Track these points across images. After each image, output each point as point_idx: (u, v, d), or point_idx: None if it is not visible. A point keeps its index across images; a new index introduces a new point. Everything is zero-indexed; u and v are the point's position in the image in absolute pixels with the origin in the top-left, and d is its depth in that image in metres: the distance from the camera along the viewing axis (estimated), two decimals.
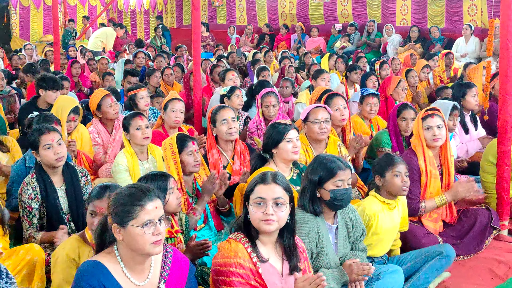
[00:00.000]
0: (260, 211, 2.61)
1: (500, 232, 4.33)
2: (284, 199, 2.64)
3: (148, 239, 2.35)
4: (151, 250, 2.38)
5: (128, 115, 4.58)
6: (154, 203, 2.40)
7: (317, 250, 3.11)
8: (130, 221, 2.34)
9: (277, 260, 2.72)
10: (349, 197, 3.18)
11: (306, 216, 3.14)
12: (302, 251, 2.82)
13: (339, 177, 3.13)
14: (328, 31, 14.43)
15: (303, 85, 8.26)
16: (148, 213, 2.36)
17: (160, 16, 18.07)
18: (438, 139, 4.09)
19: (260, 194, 2.63)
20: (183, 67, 9.48)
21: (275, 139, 3.82)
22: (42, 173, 3.83)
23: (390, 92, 6.38)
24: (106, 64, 9.70)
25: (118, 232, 2.37)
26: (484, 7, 11.73)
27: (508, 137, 4.30)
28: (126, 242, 2.37)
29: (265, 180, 2.67)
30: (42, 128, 3.88)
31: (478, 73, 7.06)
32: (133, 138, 4.46)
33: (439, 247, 3.69)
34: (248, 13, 17.13)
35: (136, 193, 2.39)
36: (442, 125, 4.12)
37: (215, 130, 4.47)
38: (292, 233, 2.73)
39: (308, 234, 3.07)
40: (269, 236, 2.67)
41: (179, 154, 3.84)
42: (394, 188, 3.61)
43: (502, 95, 4.29)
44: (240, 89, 6.15)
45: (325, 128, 4.36)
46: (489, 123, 5.68)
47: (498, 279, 3.82)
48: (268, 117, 5.37)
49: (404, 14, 13.44)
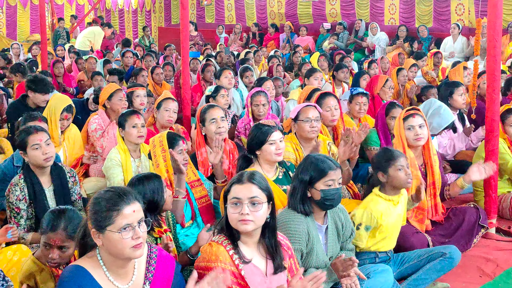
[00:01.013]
0: (236, 211, 2.59)
1: (488, 230, 4.36)
2: (260, 198, 2.61)
3: (127, 243, 2.30)
4: (131, 254, 2.34)
5: (125, 112, 4.59)
6: (132, 207, 2.35)
7: (307, 250, 3.11)
8: (108, 226, 2.30)
9: (261, 260, 2.69)
10: (339, 197, 3.18)
11: (296, 216, 3.13)
12: (286, 249, 2.79)
13: (330, 177, 3.12)
14: (316, 30, 14.45)
15: (292, 84, 8.26)
16: (125, 218, 2.31)
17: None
18: (420, 138, 4.12)
19: (236, 194, 2.62)
20: (173, 66, 9.46)
21: (259, 140, 3.80)
22: (30, 173, 3.79)
23: (377, 91, 6.39)
24: (94, 64, 9.63)
25: (97, 237, 2.33)
26: (471, 7, 11.81)
27: (495, 136, 4.33)
28: (106, 247, 2.33)
29: (241, 180, 2.65)
30: (30, 128, 3.84)
31: (458, 74, 7.12)
32: (128, 135, 4.46)
33: (444, 248, 3.68)
34: (236, 12, 17.11)
35: (112, 198, 2.34)
36: (423, 125, 4.14)
37: (204, 129, 4.46)
38: (273, 232, 2.71)
39: (298, 235, 3.06)
40: (250, 236, 2.65)
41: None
42: (399, 182, 3.58)
43: (489, 94, 4.31)
44: (225, 88, 6.15)
45: (316, 127, 4.36)
46: (476, 121, 5.72)
47: (486, 277, 3.84)
48: (258, 116, 5.36)
49: (392, 13, 13.49)
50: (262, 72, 10.04)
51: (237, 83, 7.97)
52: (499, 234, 4.52)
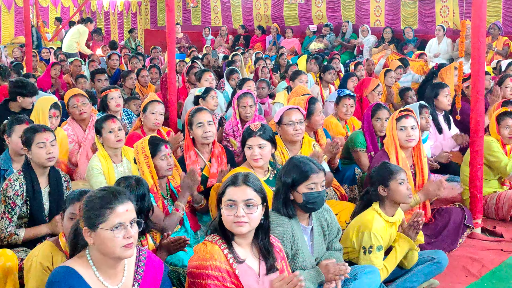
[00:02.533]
0: (231, 214, 2.60)
1: (473, 230, 4.39)
2: (255, 200, 2.63)
3: (118, 242, 2.32)
4: (122, 254, 2.35)
5: (100, 118, 4.52)
6: (125, 206, 2.38)
7: (292, 252, 3.10)
8: (100, 224, 2.32)
9: (254, 261, 2.71)
10: (322, 200, 3.17)
11: (280, 218, 3.12)
12: (278, 250, 2.81)
13: (312, 180, 3.11)
14: (302, 32, 14.49)
15: (279, 86, 8.27)
16: (118, 216, 2.34)
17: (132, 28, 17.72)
18: (412, 140, 4.14)
19: (231, 196, 2.62)
20: (159, 68, 9.43)
21: (242, 143, 3.94)
22: (30, 171, 3.79)
23: (367, 93, 6.40)
24: (79, 66, 9.58)
25: (89, 236, 2.34)
26: (455, 9, 11.91)
27: (480, 137, 4.37)
28: (97, 245, 2.35)
29: (235, 182, 2.65)
30: (38, 127, 3.87)
31: (450, 73, 7.17)
32: (106, 141, 4.41)
33: (433, 253, 3.71)
34: (223, 14, 17.10)
35: (106, 196, 2.37)
36: (415, 126, 4.17)
37: (191, 133, 4.44)
38: (267, 233, 2.73)
39: (283, 237, 3.05)
40: (244, 238, 2.66)
41: (152, 159, 3.80)
42: (400, 196, 3.53)
43: (474, 95, 4.35)
44: (215, 90, 6.13)
45: (300, 129, 4.36)
46: (462, 122, 5.76)
47: (472, 276, 3.88)
48: (245, 118, 5.35)
49: (378, 15, 13.57)
50: (249, 74, 10.05)
51: (223, 85, 7.96)
52: (484, 234, 4.55)
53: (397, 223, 3.63)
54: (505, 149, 4.88)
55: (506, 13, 11.29)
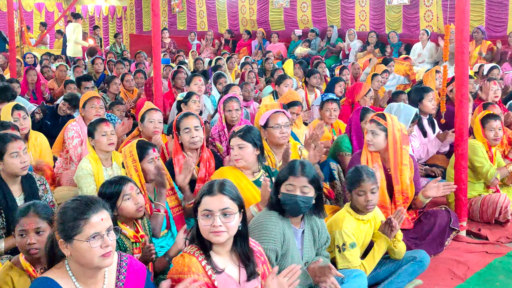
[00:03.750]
0: (208, 223, 2.55)
1: (459, 233, 4.42)
2: (232, 209, 2.58)
3: (96, 252, 2.28)
4: (101, 263, 2.31)
5: (93, 121, 4.54)
6: (100, 215, 2.32)
7: (282, 252, 3.11)
8: (76, 236, 2.26)
9: (234, 268, 2.66)
10: (296, 205, 3.13)
11: (272, 217, 3.14)
12: (259, 255, 2.78)
13: (289, 182, 3.13)
14: (288, 36, 14.54)
15: (265, 90, 8.28)
16: (93, 226, 2.28)
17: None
18: (369, 145, 4.22)
19: (207, 206, 2.57)
20: (145, 73, 9.40)
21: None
22: (1, 182, 3.72)
23: (358, 98, 6.41)
24: (65, 71, 9.51)
25: (65, 248, 2.29)
26: (439, 13, 12.01)
27: (464, 140, 4.40)
28: (74, 257, 2.30)
29: (211, 191, 2.60)
30: (8, 136, 3.79)
31: (431, 77, 7.23)
32: (98, 144, 4.41)
33: (414, 253, 3.75)
34: (208, 19, 17.10)
35: (79, 206, 2.31)
36: (375, 133, 4.17)
37: (179, 138, 4.44)
38: (245, 239, 2.69)
39: (274, 235, 3.07)
40: (222, 246, 2.62)
41: (139, 162, 3.79)
42: (359, 205, 3.61)
43: (458, 99, 4.39)
44: (197, 94, 6.12)
45: (286, 132, 4.38)
46: (446, 126, 5.80)
47: (458, 279, 3.89)
48: (231, 122, 5.35)
49: (363, 20, 13.65)
50: (235, 79, 10.06)
51: (210, 89, 7.96)
52: (469, 236, 4.59)
53: (372, 221, 3.69)
54: (491, 151, 4.92)
55: (489, 18, 11.41)
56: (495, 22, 11.35)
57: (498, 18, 11.30)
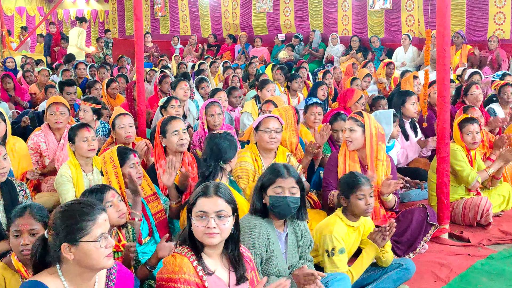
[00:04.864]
0: (202, 225, 2.58)
1: (441, 235, 4.45)
2: (226, 211, 2.61)
3: (102, 252, 2.31)
4: (105, 264, 2.34)
5: (74, 126, 4.50)
6: (103, 216, 2.36)
7: (267, 256, 3.12)
8: (83, 238, 2.28)
9: (224, 272, 2.68)
10: (288, 206, 3.16)
11: (257, 221, 3.15)
12: (248, 261, 2.79)
13: (278, 184, 3.15)
14: (271, 41, 14.58)
15: (248, 95, 8.28)
16: (100, 227, 2.32)
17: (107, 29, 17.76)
18: (348, 142, 4.36)
19: (202, 207, 2.60)
20: (127, 78, 9.35)
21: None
22: None
23: (350, 104, 6.42)
24: (47, 76, 9.43)
25: (68, 251, 2.28)
26: (421, 18, 12.12)
27: (446, 144, 4.44)
28: (78, 259, 2.29)
29: (207, 193, 2.63)
30: None
31: (409, 83, 7.30)
32: (78, 149, 4.37)
33: (400, 260, 3.78)
34: (191, 23, 17.08)
35: (84, 209, 2.34)
36: (353, 129, 4.35)
37: (164, 141, 4.41)
38: (237, 243, 2.71)
39: (258, 239, 3.07)
40: (214, 248, 2.64)
41: (121, 167, 3.77)
42: (358, 210, 3.62)
43: (440, 103, 4.42)
44: (177, 99, 6.11)
45: (275, 138, 4.41)
46: (428, 129, 5.85)
47: (441, 281, 3.92)
48: (213, 127, 5.35)
49: (345, 24, 13.72)
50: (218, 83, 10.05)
51: (193, 94, 7.94)
52: (452, 239, 4.62)
53: (361, 228, 3.71)
54: (469, 155, 4.97)
55: (470, 22, 11.54)
56: (476, 27, 11.48)
57: (478, 23, 11.44)
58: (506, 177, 5.35)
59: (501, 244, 4.57)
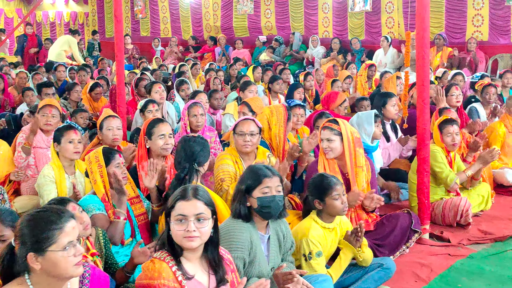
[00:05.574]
0: (181, 228, 2.54)
1: (421, 235, 4.48)
2: (206, 214, 2.58)
3: (70, 261, 2.25)
4: (74, 272, 2.28)
5: (61, 127, 4.47)
6: (71, 224, 2.30)
7: (249, 259, 3.10)
8: (50, 247, 2.22)
9: (203, 275, 2.66)
10: (277, 205, 3.17)
11: (239, 224, 3.13)
12: (228, 263, 2.77)
13: (265, 184, 3.14)
14: (252, 43, 14.58)
15: (229, 96, 8.27)
16: (68, 235, 2.26)
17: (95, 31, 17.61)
18: (327, 152, 4.28)
19: (181, 211, 2.56)
20: (108, 80, 9.28)
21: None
22: None
23: (333, 107, 6.42)
24: (25, 79, 9.31)
25: (35, 261, 2.22)
26: (400, 20, 12.22)
27: (426, 145, 4.47)
28: (46, 269, 2.23)
29: (185, 196, 2.59)
30: None
31: (392, 83, 7.35)
32: (63, 151, 4.34)
33: (380, 260, 3.80)
34: (172, 25, 17.01)
35: (51, 217, 2.27)
36: (331, 139, 4.26)
37: (149, 143, 4.38)
38: (216, 246, 2.69)
39: (241, 243, 3.06)
40: (193, 252, 2.61)
41: (106, 167, 3.75)
42: (336, 210, 3.62)
43: (420, 104, 4.46)
44: (155, 103, 6.08)
45: (250, 141, 4.38)
46: (408, 131, 5.90)
47: (422, 281, 3.95)
48: (196, 128, 5.34)
49: (326, 26, 13.78)
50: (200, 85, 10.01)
51: (174, 96, 7.91)
52: (432, 239, 4.66)
53: (338, 229, 3.71)
54: (449, 156, 5.02)
55: (449, 24, 11.67)
56: (454, 29, 11.61)
57: (457, 25, 11.57)
58: (484, 178, 5.42)
59: (480, 244, 4.62)
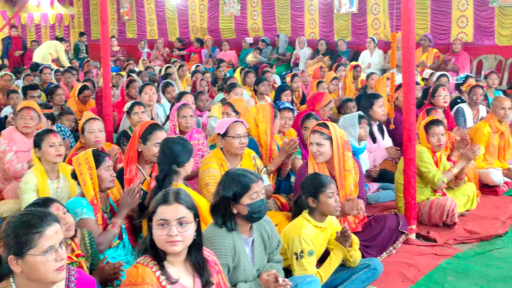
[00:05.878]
0: (164, 233, 2.51)
1: (408, 236, 4.51)
2: (188, 218, 2.55)
3: (51, 266, 2.23)
4: (55, 278, 2.26)
5: (41, 131, 4.44)
6: (54, 228, 2.28)
7: (233, 265, 3.09)
8: (29, 251, 2.20)
9: (188, 278, 2.63)
10: (265, 208, 3.20)
11: (221, 231, 3.11)
12: (213, 265, 2.75)
13: (253, 190, 3.12)
14: (239, 44, 14.58)
15: (216, 98, 8.26)
16: (48, 239, 2.24)
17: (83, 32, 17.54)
18: (317, 156, 4.27)
19: (163, 215, 2.52)
20: (94, 82, 9.22)
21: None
22: None
23: (319, 108, 6.43)
24: (9, 81, 9.24)
25: (15, 264, 2.21)
26: (386, 21, 12.29)
27: (412, 145, 4.49)
28: (26, 273, 2.22)
29: (167, 201, 2.56)
30: None
31: (382, 84, 7.38)
32: (45, 155, 4.30)
33: (367, 260, 3.81)
34: (158, 27, 16.96)
35: (32, 220, 2.25)
36: (321, 143, 4.25)
37: (142, 147, 4.31)
38: (200, 249, 2.67)
39: (225, 250, 3.04)
40: (177, 256, 2.58)
41: (96, 169, 3.74)
42: (329, 208, 3.62)
43: (405, 105, 4.48)
44: (141, 105, 6.06)
45: (244, 143, 4.40)
46: (395, 132, 5.93)
47: (409, 281, 3.96)
48: (185, 129, 5.34)
49: (312, 27, 13.82)
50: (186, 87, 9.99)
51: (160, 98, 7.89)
52: (419, 239, 4.68)
53: (328, 228, 3.72)
54: (435, 156, 5.05)
55: (434, 26, 11.76)
56: (440, 30, 11.70)
57: (442, 26, 11.66)
58: (470, 178, 5.46)
59: (466, 243, 4.65)
